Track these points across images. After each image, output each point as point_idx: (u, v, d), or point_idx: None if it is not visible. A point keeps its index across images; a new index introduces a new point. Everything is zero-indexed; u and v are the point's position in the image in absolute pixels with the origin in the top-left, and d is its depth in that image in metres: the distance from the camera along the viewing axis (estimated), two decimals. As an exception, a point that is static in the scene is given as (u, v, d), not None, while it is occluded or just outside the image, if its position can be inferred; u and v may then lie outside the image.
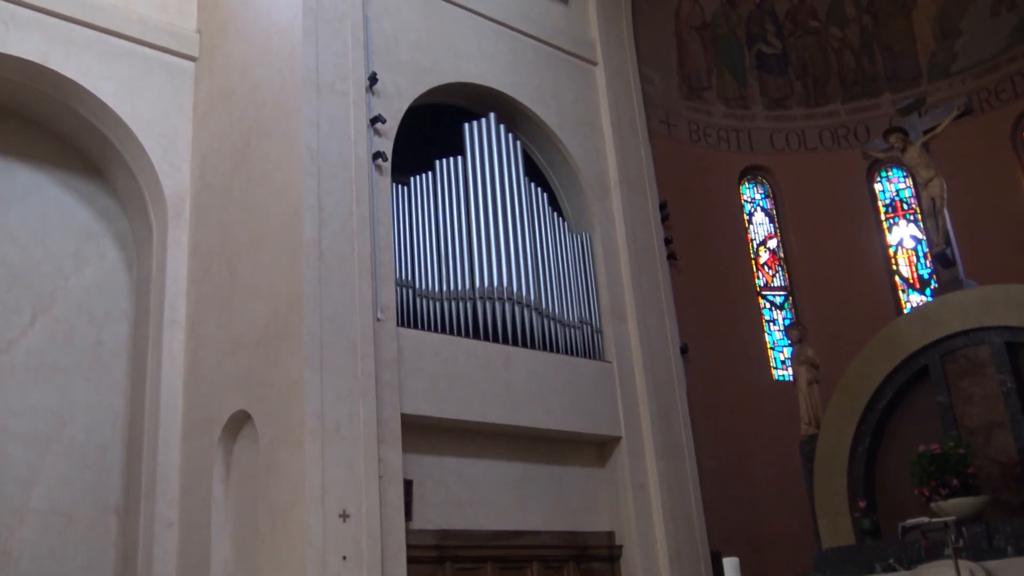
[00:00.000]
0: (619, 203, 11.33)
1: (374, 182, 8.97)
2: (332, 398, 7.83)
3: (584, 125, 11.53)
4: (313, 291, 8.02)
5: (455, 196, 10.04)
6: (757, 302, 13.97)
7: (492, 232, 10.01)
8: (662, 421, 10.53)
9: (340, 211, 8.51)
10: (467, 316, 9.54)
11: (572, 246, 10.90)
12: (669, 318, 11.27)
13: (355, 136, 8.89)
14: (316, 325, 7.94)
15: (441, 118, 10.93)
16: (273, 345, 8.20)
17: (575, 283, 10.70)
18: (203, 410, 8.96)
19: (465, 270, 9.73)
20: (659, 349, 10.93)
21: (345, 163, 8.73)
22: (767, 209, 14.71)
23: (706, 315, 13.00)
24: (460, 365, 9.16)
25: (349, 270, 8.36)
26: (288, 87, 8.89)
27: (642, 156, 11.98)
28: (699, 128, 14.37)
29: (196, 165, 10.05)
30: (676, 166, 13.58)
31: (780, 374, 13.66)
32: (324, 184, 8.48)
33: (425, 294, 9.36)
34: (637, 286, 11.02)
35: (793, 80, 14.93)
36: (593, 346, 10.54)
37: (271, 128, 9.02)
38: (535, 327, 9.96)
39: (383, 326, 8.52)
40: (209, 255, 9.47)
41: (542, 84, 11.24)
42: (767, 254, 14.44)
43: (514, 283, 9.90)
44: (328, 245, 8.30)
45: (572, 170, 11.25)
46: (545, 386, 9.78)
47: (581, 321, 10.54)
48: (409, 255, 9.47)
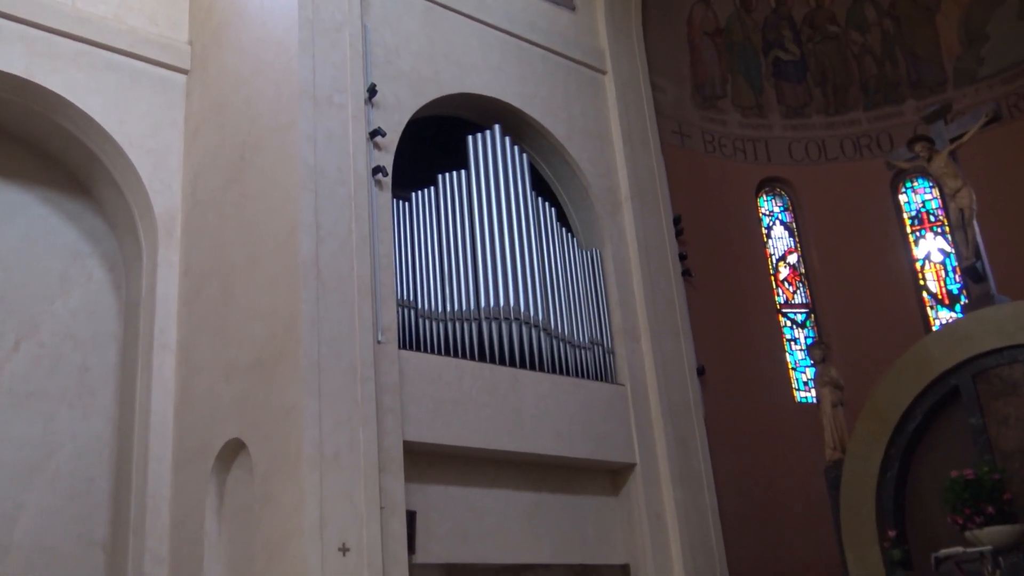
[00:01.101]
0: (631, 218, 11.34)
1: (374, 198, 8.99)
2: (331, 425, 7.82)
3: (593, 137, 11.56)
4: (311, 312, 8.03)
5: (459, 212, 10.07)
6: (777, 320, 13.94)
7: (498, 249, 10.02)
8: (679, 447, 10.48)
9: (338, 228, 8.53)
10: (472, 338, 9.53)
11: (582, 263, 10.90)
12: (685, 338, 11.25)
13: (354, 150, 8.92)
14: (314, 348, 7.94)
15: (444, 131, 10.97)
16: (269, 369, 8.20)
17: (585, 302, 10.69)
18: (195, 438, 8.95)
19: (470, 289, 9.73)
20: (674, 371, 10.90)
21: (343, 178, 8.76)
22: (786, 223, 14.71)
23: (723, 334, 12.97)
24: (465, 389, 9.14)
25: (348, 290, 8.37)
26: (284, 100, 8.94)
27: (654, 168, 12.01)
28: (714, 138, 14.40)
29: (187, 182, 10.10)
30: (690, 178, 13.60)
31: (803, 396, 13.60)
32: (322, 200, 8.51)
33: (428, 315, 9.36)
34: (651, 304, 11.01)
35: (812, 87, 14.97)
36: (605, 368, 10.52)
37: (266, 143, 9.06)
38: (544, 348, 9.95)
39: (384, 349, 8.52)
40: (201, 275, 9.49)
41: (549, 94, 11.29)
42: (787, 270, 14.42)
43: (521, 302, 9.90)
44: (326, 264, 8.32)
45: (581, 184, 11.27)
46: (555, 411, 9.76)
47: (592, 342, 10.52)
48: (411, 274, 9.48)
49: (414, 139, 10.21)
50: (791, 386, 13.58)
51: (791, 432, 12.81)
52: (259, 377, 8.29)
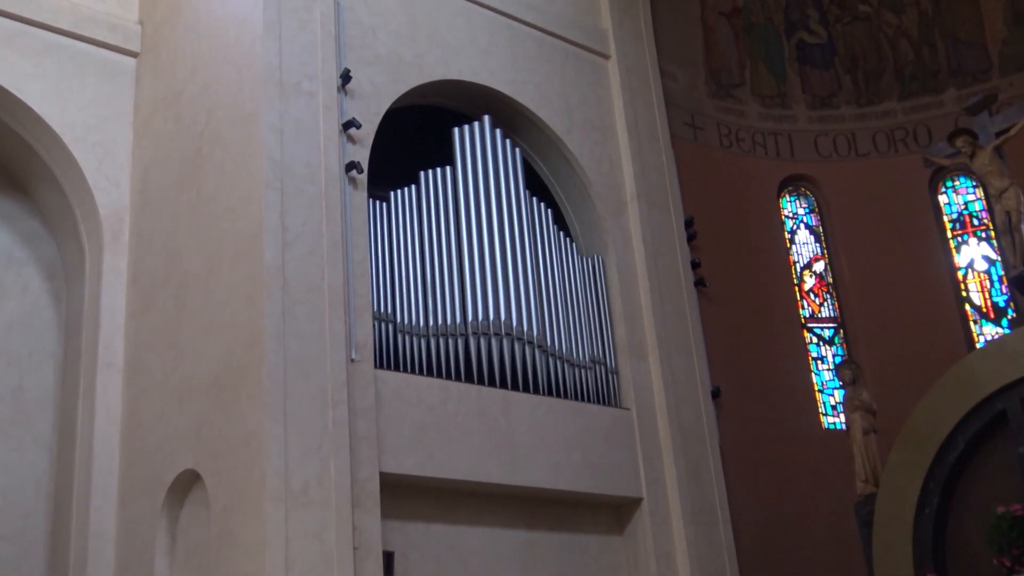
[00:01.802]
0: (637, 220, 11.35)
1: (347, 198, 8.99)
2: (298, 454, 7.80)
3: (595, 129, 11.58)
4: (275, 327, 8.02)
5: (444, 213, 10.06)
6: (802, 336, 13.95)
7: (487, 256, 10.02)
8: (691, 479, 10.48)
9: (308, 232, 8.52)
10: (458, 356, 9.52)
11: (582, 271, 10.91)
12: (698, 356, 11.26)
13: (325, 144, 8.92)
14: (279, 367, 7.92)
15: (427, 122, 10.97)
16: (228, 392, 8.18)
17: (586, 315, 10.69)
18: (144, 469, 8.92)
19: (455, 301, 9.73)
20: (686, 393, 10.91)
21: (313, 175, 8.75)
22: (812, 226, 14.74)
23: (741, 352, 12.97)
24: (450, 414, 9.13)
25: (318, 302, 8.36)
26: (246, 87, 8.94)
27: (663, 165, 12.03)
28: (731, 132, 14.43)
29: (137, 179, 10.08)
30: (704, 176, 13.61)
31: (830, 422, 13.60)
32: (289, 200, 8.50)
33: (408, 330, 9.35)
34: (659, 318, 11.02)
35: (841, 74, 15.02)
36: (608, 390, 10.51)
37: (226, 135, 9.05)
38: (539, 368, 9.94)
39: (358, 368, 8.51)
40: (152, 285, 9.47)
41: (545, 81, 11.30)
42: (813, 279, 14.44)
43: (513, 316, 9.89)
44: (293, 272, 8.31)
45: (581, 182, 11.28)
46: (551, 438, 9.75)
47: (593, 360, 10.52)
48: (389, 284, 9.47)
49: (393, 131, 10.21)
50: (817, 411, 13.58)
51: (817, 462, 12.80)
52: (217, 400, 8.27)
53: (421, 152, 10.73)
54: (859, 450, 10.55)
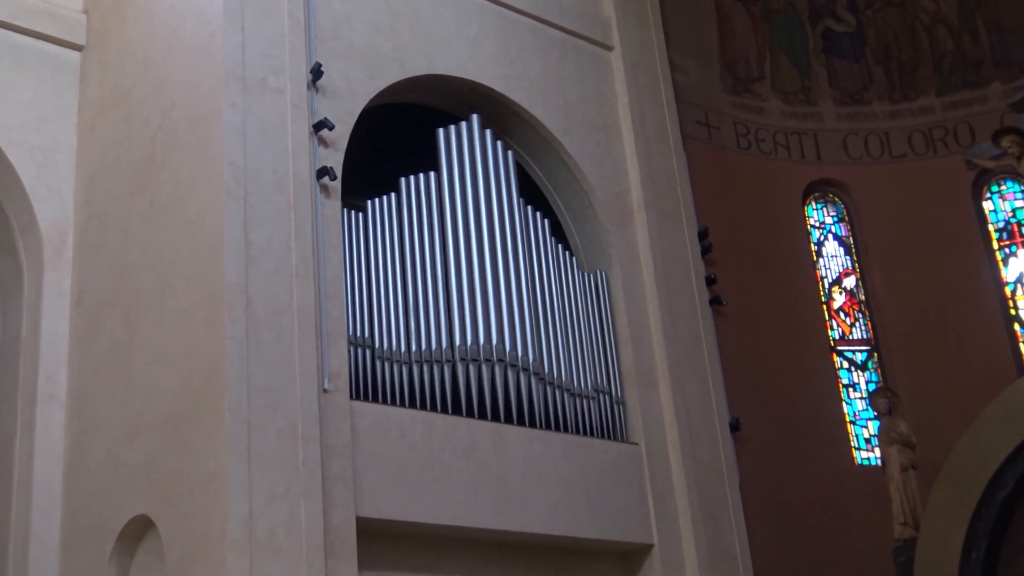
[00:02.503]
0: (645, 231, 11.39)
1: (319, 207, 9.00)
2: (264, 498, 7.78)
3: (597, 129, 11.62)
4: (238, 354, 8.01)
5: (427, 225, 10.08)
6: (831, 360, 13.95)
7: (477, 272, 10.03)
8: (707, 522, 10.47)
9: (274, 247, 8.53)
10: (444, 385, 9.52)
11: (583, 289, 10.93)
12: (714, 384, 11.27)
13: (293, 147, 8.94)
14: (242, 400, 7.91)
15: (408, 122, 10.99)
16: (184, 427, 8.16)
17: (588, 339, 10.70)
18: (90, 515, 8.88)
19: (441, 323, 9.74)
20: (701, 426, 10.91)
21: (280, 183, 8.77)
22: (841, 237, 14.77)
23: (763, 379, 12.98)
24: (435, 451, 9.12)
25: (286, 325, 8.36)
26: (205, 84, 8.95)
27: (674, 169, 12.07)
28: (749, 131, 14.47)
29: (82, 188, 10.08)
30: (719, 182, 13.65)
31: (864, 457, 13.60)
32: (253, 211, 8.51)
33: (388, 356, 9.35)
34: (671, 342, 11.03)
35: (872, 66, 15.08)
36: (613, 423, 10.52)
37: (182, 138, 9.07)
38: (536, 398, 9.94)
39: (332, 400, 8.50)
40: (99, 307, 9.46)
41: (541, 76, 11.34)
42: (843, 297, 14.46)
43: (506, 340, 9.90)
44: (258, 292, 8.31)
45: (582, 189, 11.31)
46: (550, 477, 9.74)
47: (596, 389, 10.53)
48: (367, 304, 9.47)
49: (370, 133, 10.23)
50: (849, 445, 13.58)
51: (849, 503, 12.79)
52: (172, 437, 8.25)
53: (402, 156, 10.75)
54: (896, 489, 10.54)
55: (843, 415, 13.70)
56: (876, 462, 13.23)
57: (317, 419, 8.26)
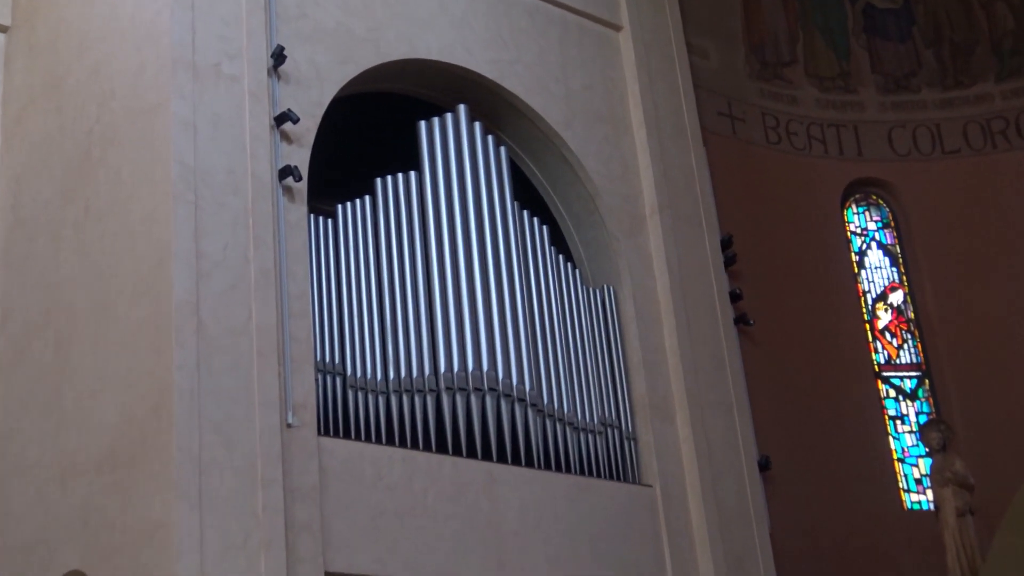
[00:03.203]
0: (659, 240, 11.38)
1: (282, 213, 8.97)
2: (217, 550, 7.73)
3: (603, 122, 11.61)
4: (188, 383, 7.97)
5: (408, 233, 10.06)
6: (875, 389, 13.95)
7: (464, 288, 10.02)
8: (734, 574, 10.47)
9: (230, 259, 8.49)
10: (427, 418, 9.48)
11: (588, 307, 10.91)
12: (740, 416, 11.25)
13: (252, 143, 8.91)
14: (193, 436, 7.86)
15: (385, 115, 10.99)
16: (125, 469, 8.11)
17: (594, 364, 10.69)
18: (16, 570, 8.82)
19: (424, 347, 9.71)
20: (726, 465, 10.88)
21: (237, 185, 8.74)
22: (887, 246, 14.78)
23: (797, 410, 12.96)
24: (417, 494, 9.09)
25: (244, 350, 8.33)
26: (149, 70, 8.93)
27: (693, 168, 12.07)
28: (779, 123, 14.49)
29: (6, 190, 10.04)
30: (745, 182, 13.66)
31: (914, 500, 13.59)
32: (205, 217, 8.48)
33: (362, 385, 9.32)
34: (689, 367, 11.01)
35: (921, 48, 15.11)
36: (623, 462, 10.49)
37: (123, 133, 9.04)
38: (533, 434, 9.91)
39: (297, 436, 8.46)
40: (25, 330, 9.41)
41: (538, 62, 11.34)
42: (888, 314, 14.46)
43: (499, 366, 9.87)
44: (211, 312, 8.27)
45: (586, 191, 11.31)
46: (550, 525, 9.71)
47: (604, 423, 10.51)
48: (337, 325, 9.45)
49: (341, 127, 10.22)
50: (897, 486, 13.57)
51: (898, 552, 12.78)
52: (111, 480, 8.20)
53: (378, 154, 10.75)
54: (952, 536, 10.53)
55: (890, 452, 13.68)
56: (928, 506, 13.23)
57: (279, 458, 8.20)
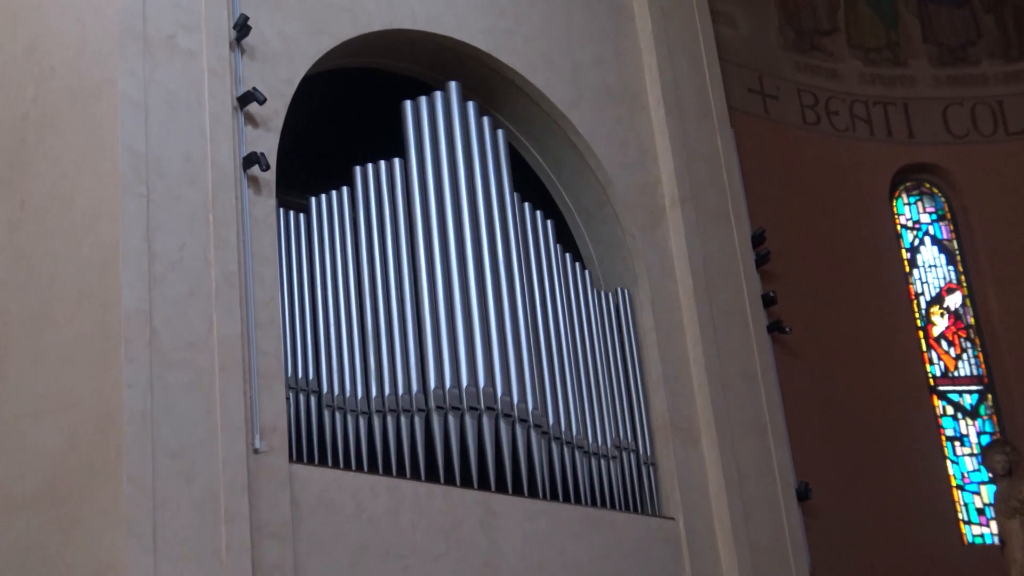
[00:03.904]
0: (681, 236, 11.38)
1: (247, 207, 8.97)
2: (175, 595, 7.76)
3: (616, 100, 11.63)
4: (139, 404, 7.94)
5: (391, 230, 10.07)
6: (930, 405, 13.93)
7: (457, 292, 10.03)
8: (768, 623, 10.49)
9: (187, 260, 8.50)
10: (415, 442, 9.48)
11: (600, 313, 10.93)
12: (775, 438, 11.25)
13: (212, 127, 8.92)
14: (145, 465, 7.84)
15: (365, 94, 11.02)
16: (68, 503, 8.08)
17: (606, 379, 10.70)
18: (-57, 621, 8.85)
19: (411, 361, 9.71)
20: (759, 493, 10.90)
21: (195, 175, 8.74)
22: (942, 241, 14.76)
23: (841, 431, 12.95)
24: (404, 530, 9.09)
25: (204, 365, 8.32)
26: (93, 44, 8.91)
27: (719, 153, 12.07)
28: (818, 101, 14.49)
29: (-69, 183, 10.06)
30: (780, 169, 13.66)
31: (976, 533, 13.57)
32: (158, 213, 8.47)
33: (340, 404, 9.31)
34: (717, 382, 11.01)
35: (980, 14, 15.11)
36: (641, 491, 10.51)
37: (64, 117, 9.01)
38: (537, 459, 9.92)
39: (264, 463, 8.46)
40: (-46, 342, 9.42)
41: (541, 32, 11.35)
42: (945, 320, 14.45)
43: (498, 382, 9.88)
44: (166, 322, 8.27)
45: (596, 180, 11.32)
46: (557, 564, 9.72)
47: (618, 446, 10.51)
48: (311, 336, 9.45)
49: (315, 108, 10.24)
50: (956, 516, 13.55)
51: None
52: (52, 515, 8.17)
53: (357, 138, 10.76)
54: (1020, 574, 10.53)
55: (947, 477, 13.68)
56: (992, 540, 13.22)
57: (246, 489, 8.20)
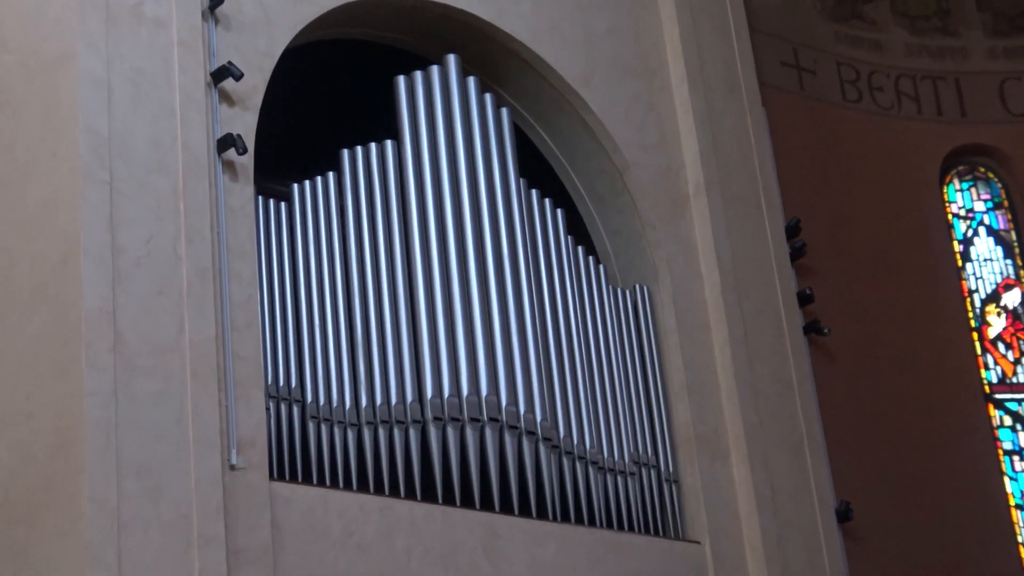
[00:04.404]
0: (707, 226, 11.38)
1: (221, 196, 8.97)
2: (142, 629, 7.75)
3: (634, 76, 11.63)
4: (102, 416, 7.93)
5: (383, 220, 10.08)
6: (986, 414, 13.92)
7: (457, 290, 10.04)
8: (804, 658, 10.49)
9: (155, 254, 8.50)
10: (410, 457, 9.49)
11: (616, 313, 10.93)
12: (812, 453, 11.24)
13: (183, 106, 8.92)
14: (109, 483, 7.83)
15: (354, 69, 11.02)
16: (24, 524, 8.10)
17: (623, 387, 10.70)
18: None
19: (405, 366, 9.71)
20: (795, 513, 10.89)
21: (163, 159, 8.74)
22: (999, 232, 14.75)
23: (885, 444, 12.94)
24: (398, 555, 9.09)
25: (174, 371, 8.31)
26: (51, 13, 8.93)
27: (749, 134, 12.07)
28: (860, 76, 14.47)
29: None
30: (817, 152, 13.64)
31: (1039, 558, 13.59)
32: (123, 202, 8.46)
33: (326, 415, 9.31)
34: (747, 389, 11.00)
35: (1040, -21, 15.11)
36: (662, 511, 10.51)
37: (18, 96, 9.04)
38: (546, 476, 9.92)
39: (242, 481, 8.45)
40: None
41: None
42: (1002, 319, 14.44)
43: (501, 390, 9.89)
44: (132, 323, 8.26)
45: (612, 164, 11.31)
46: (569, 594, 9.74)
47: (637, 462, 10.51)
48: (294, 339, 9.45)
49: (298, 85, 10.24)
50: (1015, 539, 13.54)
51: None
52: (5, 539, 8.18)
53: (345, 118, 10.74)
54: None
55: (1005, 496, 13.66)
56: (1058, 567, 13.22)
57: (221, 510, 8.19)
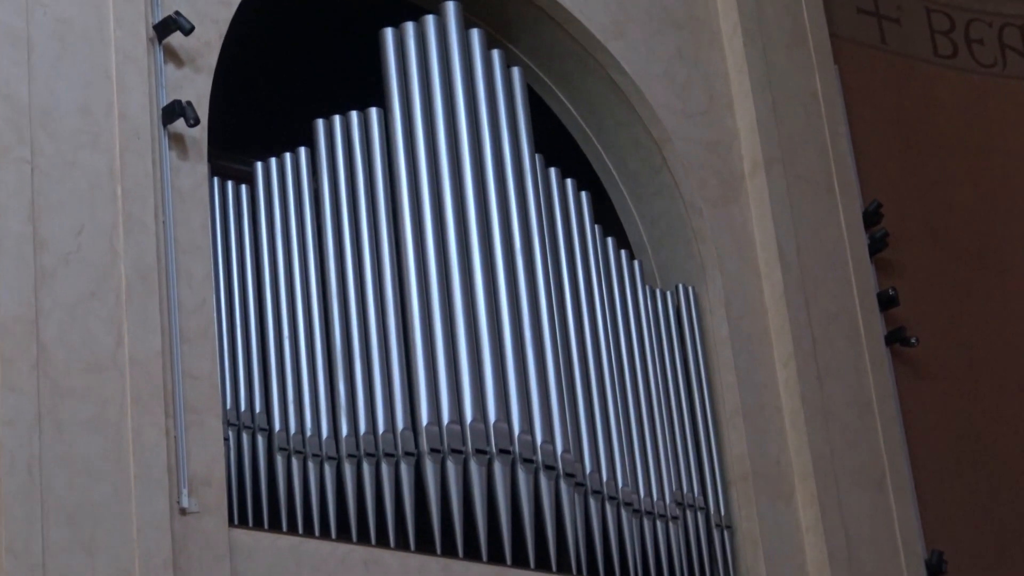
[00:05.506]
0: (767, 212, 11.47)
1: (167, 177, 9.04)
2: None
3: (676, 28, 11.73)
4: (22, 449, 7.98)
5: (367, 204, 10.16)
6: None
7: (458, 291, 10.11)
8: None
9: (88, 251, 8.56)
10: (401, 498, 9.56)
11: (655, 320, 11.01)
12: (897, 491, 11.30)
13: (120, 67, 9.00)
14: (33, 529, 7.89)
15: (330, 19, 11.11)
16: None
17: (663, 411, 10.77)
18: None
19: (395, 387, 9.79)
20: (876, 565, 10.96)
21: (98, 133, 8.82)
22: None
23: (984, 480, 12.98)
24: (386, 619, 9.21)
25: (112, 394, 8.37)
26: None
27: (819, 99, 12.14)
28: (954, 26, 14.52)
29: None
30: (902, 119, 13.68)
31: None
32: (47, 185, 8.54)
33: (298, 447, 9.37)
34: (816, 414, 11.07)
35: None
36: (712, 561, 10.58)
37: (-82, 53, 9.14)
38: (569, 520, 9.98)
39: (195, 527, 8.51)
40: None
41: (571, -69, 11.45)
42: None
43: (514, 416, 9.97)
44: (59, 335, 8.32)
45: (650, 136, 11.38)
46: (597, 665, 9.84)
47: (680, 503, 10.58)
48: (259, 354, 9.53)
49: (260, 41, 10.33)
50: None
51: None
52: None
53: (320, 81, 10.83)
54: None
55: None
56: None
57: (170, 564, 8.25)
